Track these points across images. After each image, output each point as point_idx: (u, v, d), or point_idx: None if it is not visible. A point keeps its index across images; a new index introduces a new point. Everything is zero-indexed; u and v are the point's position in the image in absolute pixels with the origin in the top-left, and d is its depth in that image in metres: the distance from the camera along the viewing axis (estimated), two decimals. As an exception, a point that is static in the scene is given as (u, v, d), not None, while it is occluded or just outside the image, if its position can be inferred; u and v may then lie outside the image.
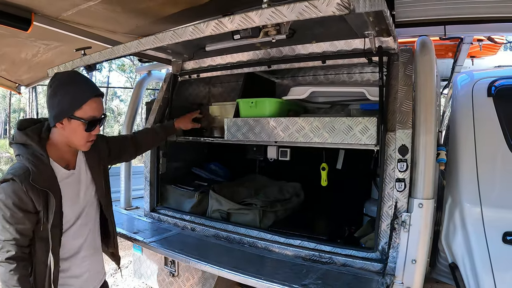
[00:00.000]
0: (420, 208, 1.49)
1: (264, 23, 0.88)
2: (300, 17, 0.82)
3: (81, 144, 1.54)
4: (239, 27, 0.91)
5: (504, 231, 1.55)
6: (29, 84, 3.78)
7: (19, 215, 1.39)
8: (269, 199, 2.24)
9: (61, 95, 1.46)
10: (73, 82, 1.50)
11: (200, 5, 2.11)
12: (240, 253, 1.84)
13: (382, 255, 1.59)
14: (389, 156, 1.61)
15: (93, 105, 1.49)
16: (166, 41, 1.12)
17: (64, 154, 1.55)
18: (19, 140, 1.49)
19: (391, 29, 1.53)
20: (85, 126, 1.49)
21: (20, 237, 1.41)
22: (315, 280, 1.46)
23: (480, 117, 1.78)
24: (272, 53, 2.09)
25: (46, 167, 1.46)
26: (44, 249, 1.46)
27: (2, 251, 1.40)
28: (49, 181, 1.45)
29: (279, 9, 0.83)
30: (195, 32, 1.02)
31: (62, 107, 1.45)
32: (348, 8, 0.77)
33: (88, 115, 1.48)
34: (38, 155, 1.46)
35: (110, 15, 2.28)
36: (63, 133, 1.50)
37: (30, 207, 1.41)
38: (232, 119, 2.06)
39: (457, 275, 1.67)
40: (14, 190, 1.38)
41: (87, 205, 1.63)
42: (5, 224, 1.40)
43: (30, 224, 1.43)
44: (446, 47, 2.56)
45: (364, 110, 2.00)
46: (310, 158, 2.31)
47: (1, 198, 1.40)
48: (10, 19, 2.06)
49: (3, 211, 1.40)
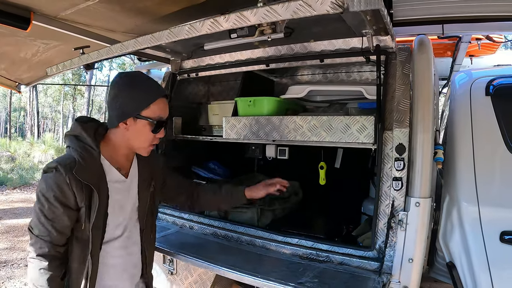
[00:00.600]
0: (417, 207, 1.49)
1: (259, 22, 0.88)
2: (294, 15, 0.82)
3: (143, 147, 1.47)
4: (235, 26, 0.92)
5: (502, 230, 1.56)
6: (29, 83, 3.79)
7: (58, 210, 1.30)
8: (268, 197, 2.25)
9: (127, 93, 1.38)
10: (139, 81, 1.43)
11: (198, 4, 2.11)
12: (237, 252, 1.84)
13: (379, 254, 1.59)
14: (386, 155, 1.61)
15: (160, 105, 1.43)
16: (163, 40, 1.13)
17: (119, 157, 1.48)
18: (73, 132, 1.43)
19: (389, 28, 1.52)
20: (152, 126, 1.41)
21: (56, 234, 1.31)
22: (311, 278, 1.46)
23: (478, 116, 1.79)
24: (271, 52, 2.09)
25: (94, 162, 1.38)
26: (83, 252, 1.37)
27: (34, 247, 1.30)
28: (95, 177, 1.36)
29: (273, 8, 0.83)
30: (191, 31, 1.03)
31: (128, 106, 1.38)
32: (342, 6, 0.77)
33: (155, 115, 1.41)
34: (88, 149, 1.38)
35: (109, 14, 2.28)
36: (126, 134, 1.42)
37: (71, 202, 1.31)
38: (230, 118, 2.06)
39: (454, 274, 1.68)
40: (57, 181, 1.29)
41: (130, 223, 1.53)
42: (41, 218, 1.30)
43: (69, 222, 1.33)
44: (444, 46, 2.56)
45: (362, 109, 2.00)
46: (308, 157, 2.31)
47: (42, 189, 1.31)
48: (9, 18, 2.06)
49: (41, 203, 1.31)
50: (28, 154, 14.16)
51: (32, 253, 1.30)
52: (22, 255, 5.22)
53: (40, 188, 1.33)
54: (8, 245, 5.67)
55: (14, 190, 10.04)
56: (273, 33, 1.01)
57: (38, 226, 1.31)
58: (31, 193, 9.87)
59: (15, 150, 14.33)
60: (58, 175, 1.29)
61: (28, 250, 1.34)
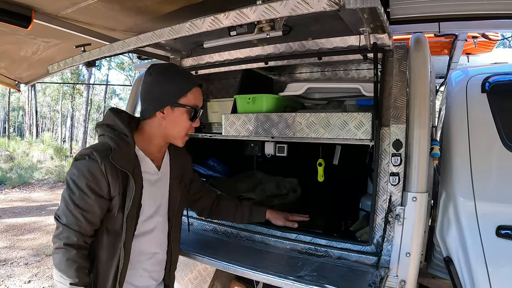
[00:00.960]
0: (414, 201, 1.51)
1: (258, 19, 0.90)
2: (292, 12, 0.84)
3: (180, 136, 1.46)
4: (234, 23, 0.94)
5: (498, 225, 1.58)
6: (29, 82, 3.78)
7: (90, 198, 1.25)
8: (266, 194, 2.27)
9: (165, 82, 1.39)
10: (175, 70, 1.46)
11: (197, 3, 2.12)
12: (237, 247, 1.87)
13: (377, 248, 1.61)
14: (383, 151, 1.64)
15: (196, 93, 1.45)
16: (164, 37, 1.15)
17: (152, 148, 1.46)
18: (107, 121, 1.42)
19: (386, 26, 1.55)
20: (189, 115, 1.42)
21: (86, 224, 1.26)
22: (310, 272, 1.49)
23: (474, 113, 1.81)
24: (269, 50, 2.11)
25: (129, 150, 1.35)
26: (113, 243, 1.32)
27: (61, 236, 1.25)
28: (131, 165, 1.33)
29: (272, 5, 0.86)
30: (192, 28, 1.05)
31: (166, 94, 1.38)
32: (338, 4, 0.79)
33: (192, 103, 1.42)
34: (123, 137, 1.36)
35: (109, 13, 2.30)
36: (162, 123, 1.41)
37: (104, 191, 1.27)
38: (230, 115, 2.08)
39: (451, 269, 1.70)
40: (90, 168, 1.25)
41: (159, 218, 1.49)
42: (70, 206, 1.25)
43: (100, 211, 1.28)
44: (441, 44, 2.58)
45: (360, 105, 2.03)
46: (307, 154, 2.34)
47: (73, 176, 1.26)
48: (10, 16, 2.08)
49: (71, 190, 1.25)
50: (27, 154, 14.17)
51: (58, 243, 1.25)
52: (22, 254, 5.25)
53: (70, 174, 1.28)
54: (7, 243, 5.69)
55: (13, 189, 10.05)
56: (271, 30, 1.03)
57: (66, 214, 1.26)
58: (30, 193, 9.89)
59: (14, 150, 14.34)
60: (92, 162, 1.26)
61: (53, 240, 1.28)
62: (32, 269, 4.75)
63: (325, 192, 2.40)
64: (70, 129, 22.89)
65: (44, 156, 13.78)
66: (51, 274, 4.58)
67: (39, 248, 5.50)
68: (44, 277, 4.52)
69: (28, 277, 4.50)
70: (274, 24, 1.00)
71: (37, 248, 5.49)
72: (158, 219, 1.49)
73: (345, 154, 2.39)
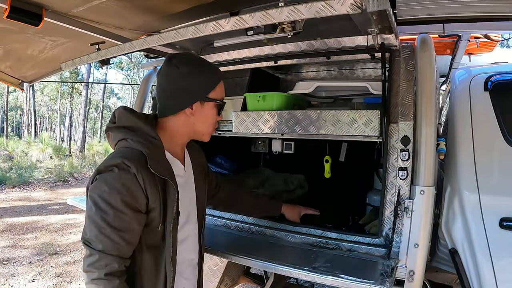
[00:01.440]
0: (422, 194, 1.58)
1: (283, 20, 0.96)
2: (317, 15, 0.90)
3: (208, 132, 1.36)
4: (259, 24, 0.99)
5: (501, 217, 1.65)
6: (32, 81, 3.78)
7: (127, 215, 1.08)
8: (275, 190, 2.33)
9: (194, 76, 1.26)
10: (201, 60, 1.33)
11: (208, 3, 2.17)
12: (250, 241, 1.92)
13: (386, 241, 1.68)
14: (392, 147, 1.70)
15: (222, 86, 1.36)
16: (189, 35, 1.15)
17: (176, 147, 1.33)
18: (125, 122, 1.25)
19: (393, 27, 1.60)
20: (218, 109, 1.32)
21: (125, 246, 1.10)
22: (324, 263, 1.54)
23: (477, 110, 1.87)
24: (278, 49, 2.16)
25: (162, 153, 1.21)
26: (155, 259, 1.18)
27: (99, 265, 1.07)
28: (166, 170, 1.19)
29: (297, 8, 0.91)
30: (216, 28, 1.10)
31: (196, 89, 1.26)
32: (361, 7, 0.85)
33: (220, 96, 1.33)
34: (150, 139, 1.20)
35: (120, 12, 2.32)
36: (190, 119, 1.29)
37: (142, 204, 1.12)
38: (240, 113, 2.13)
39: (457, 260, 1.77)
40: (124, 181, 1.08)
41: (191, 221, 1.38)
42: (105, 229, 1.07)
43: (138, 228, 1.13)
44: (444, 44, 2.65)
45: (368, 103, 2.09)
46: (313, 151, 2.39)
47: (103, 194, 1.08)
48: (22, 14, 2.09)
49: (103, 210, 1.07)
50: (26, 153, 14.14)
51: (97, 273, 1.06)
52: (25, 253, 5.27)
53: (98, 191, 1.10)
54: (10, 243, 5.71)
55: (13, 188, 10.05)
56: (292, 30, 1.09)
57: (101, 239, 1.07)
58: (30, 192, 9.89)
59: (12, 149, 14.31)
60: (124, 174, 1.09)
61: (88, 269, 1.09)
62: (35, 268, 4.77)
63: (332, 188, 2.46)
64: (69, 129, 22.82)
65: (43, 155, 13.77)
66: (55, 273, 4.61)
67: (42, 247, 5.52)
68: (48, 275, 4.53)
69: (32, 275, 4.52)
70: (295, 24, 1.05)
71: (40, 247, 5.51)
72: (191, 223, 1.39)
73: (350, 151, 2.45)
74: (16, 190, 9.96)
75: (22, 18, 2.11)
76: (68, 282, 4.39)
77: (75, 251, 5.43)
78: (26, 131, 22.20)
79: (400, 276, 1.57)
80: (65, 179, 11.79)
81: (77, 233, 6.34)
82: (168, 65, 1.30)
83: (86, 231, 1.11)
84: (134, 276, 1.17)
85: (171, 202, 1.18)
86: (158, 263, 1.19)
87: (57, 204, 8.51)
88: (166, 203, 1.18)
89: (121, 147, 1.22)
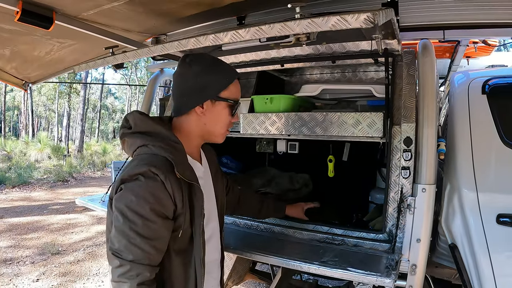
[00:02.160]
0: (424, 192, 1.67)
1: (299, 32, 1.04)
2: (332, 28, 0.97)
3: (221, 133, 1.33)
4: (278, 34, 1.07)
5: (498, 213, 1.74)
6: (36, 82, 3.77)
7: (156, 224, 1.07)
8: (281, 188, 2.41)
9: (206, 74, 1.25)
10: (213, 63, 1.30)
11: (220, 7, 2.23)
12: (259, 237, 1.99)
13: (389, 236, 1.76)
14: (395, 147, 1.79)
15: (237, 86, 1.33)
16: (207, 43, 1.22)
17: (193, 148, 1.32)
18: (143, 127, 1.22)
19: (397, 33, 1.69)
20: (231, 109, 1.29)
21: (156, 254, 1.09)
22: (332, 257, 1.63)
23: (475, 113, 1.97)
24: (284, 53, 2.23)
25: (185, 158, 1.19)
26: (185, 264, 1.18)
27: (130, 275, 1.04)
28: (192, 173, 1.19)
29: (315, 21, 0.98)
30: (235, 37, 1.16)
31: (207, 87, 1.24)
32: (373, 22, 0.93)
33: (233, 96, 1.30)
34: (173, 144, 1.18)
35: (131, 15, 2.35)
36: (201, 119, 1.27)
37: (170, 211, 1.11)
38: (248, 114, 2.20)
39: (456, 255, 1.86)
40: (152, 190, 1.07)
41: (213, 223, 1.38)
42: (134, 239, 1.05)
43: (167, 235, 1.12)
44: (444, 48, 2.74)
45: (371, 106, 2.17)
46: (317, 151, 2.47)
47: (130, 204, 1.06)
48: (34, 17, 2.11)
49: (131, 221, 1.05)
50: (24, 153, 14.14)
51: (129, 283, 1.04)
52: (27, 253, 5.31)
53: (125, 201, 1.07)
54: (12, 243, 5.74)
55: (13, 189, 10.07)
56: (306, 40, 1.17)
57: (131, 249, 1.05)
58: (30, 192, 9.91)
59: (11, 149, 14.30)
60: (151, 182, 1.07)
61: (118, 279, 1.06)
62: (39, 267, 4.80)
63: (335, 186, 2.54)
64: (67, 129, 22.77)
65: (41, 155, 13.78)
66: (59, 273, 4.66)
67: (44, 247, 5.56)
68: (52, 275, 4.57)
69: (36, 275, 4.55)
70: (310, 35, 1.13)
71: (42, 247, 5.55)
72: (214, 223, 1.39)
73: (353, 151, 2.53)
74: (16, 190, 9.98)
75: (34, 21, 2.14)
76: (73, 281, 4.44)
77: (77, 251, 5.47)
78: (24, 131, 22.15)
79: (403, 270, 1.66)
80: (64, 179, 11.81)
81: (79, 233, 6.39)
82: (182, 64, 1.31)
83: (114, 241, 1.09)
84: (164, 283, 1.17)
85: (198, 205, 1.18)
86: (187, 267, 1.19)
87: (58, 204, 8.54)
88: (193, 207, 1.18)
89: (141, 153, 1.18)
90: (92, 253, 5.39)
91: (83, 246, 5.68)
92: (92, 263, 5.01)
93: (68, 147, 18.25)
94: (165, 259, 1.16)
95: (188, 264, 1.18)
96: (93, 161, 14.90)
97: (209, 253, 1.31)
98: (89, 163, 14.40)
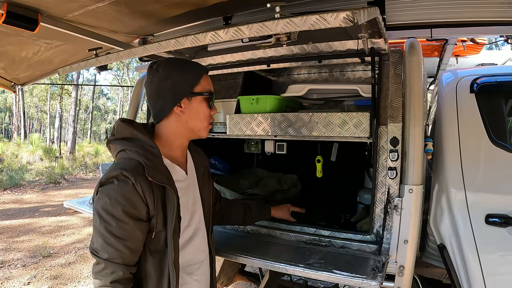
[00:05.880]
0: (411, 193, 1.65)
1: (279, 32, 1.01)
2: (311, 27, 0.94)
3: (204, 127, 1.39)
4: (256, 35, 1.04)
5: (486, 213, 1.72)
6: (25, 83, 3.74)
7: (129, 225, 1.13)
8: (269, 189, 2.38)
9: (175, 75, 1.30)
10: (180, 62, 1.36)
11: (204, 7, 2.21)
12: (245, 239, 1.97)
13: (376, 237, 1.74)
14: (381, 147, 1.77)
15: (208, 79, 1.38)
16: (187, 44, 1.21)
17: (175, 152, 1.37)
18: (123, 134, 1.29)
19: (383, 32, 1.67)
20: (207, 101, 1.35)
21: (129, 254, 1.15)
22: (318, 260, 1.61)
23: (464, 112, 1.95)
24: (270, 53, 2.21)
25: (159, 162, 1.24)
26: (160, 264, 1.22)
27: (105, 273, 1.13)
28: (165, 177, 1.22)
29: (293, 20, 0.96)
30: (215, 38, 1.14)
31: (179, 87, 1.30)
32: (353, 21, 0.90)
33: (207, 88, 1.35)
34: (148, 148, 1.24)
35: (116, 16, 2.34)
36: (182, 118, 1.33)
37: (143, 213, 1.16)
38: (234, 115, 2.17)
39: (445, 255, 1.84)
40: (124, 192, 1.13)
41: (195, 225, 1.40)
42: (109, 238, 1.13)
43: (142, 236, 1.18)
44: (432, 47, 2.73)
45: (358, 105, 2.15)
46: (305, 152, 2.45)
47: (104, 205, 1.13)
48: (19, 19, 2.09)
49: (106, 221, 1.12)
50: (16, 155, 14.02)
51: (103, 280, 1.13)
52: (18, 256, 5.26)
53: (100, 204, 1.15)
54: (3, 246, 5.68)
55: (5, 191, 9.98)
56: (287, 40, 1.14)
57: (106, 248, 1.13)
58: (22, 194, 9.81)
59: (2, 152, 14.17)
60: (123, 185, 1.14)
61: (96, 277, 1.15)
62: (30, 270, 4.76)
63: (324, 187, 2.53)
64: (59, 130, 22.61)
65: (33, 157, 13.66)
66: (50, 276, 4.62)
67: (36, 249, 5.51)
68: (43, 278, 4.53)
69: (27, 278, 4.51)
70: (290, 34, 1.11)
71: (34, 250, 5.50)
72: (196, 226, 1.41)
73: (341, 151, 2.51)
74: (8, 193, 9.88)
75: (19, 23, 2.11)
76: (64, 284, 4.39)
77: (68, 253, 5.42)
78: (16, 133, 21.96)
79: (391, 271, 1.64)
80: (56, 181, 11.71)
81: (70, 235, 6.34)
82: (150, 71, 1.36)
83: (93, 241, 1.17)
84: (141, 282, 1.23)
85: (171, 208, 1.22)
86: (162, 268, 1.23)
87: (49, 206, 8.46)
88: (166, 209, 1.22)
89: (120, 158, 1.26)
90: (83, 255, 5.34)
91: (75, 249, 5.62)
92: (83, 265, 4.96)
93: (60, 149, 18.13)
94: (142, 259, 1.22)
95: (163, 265, 1.22)
96: (85, 162, 14.80)
97: (191, 254, 1.36)
98: (81, 165, 14.30)
